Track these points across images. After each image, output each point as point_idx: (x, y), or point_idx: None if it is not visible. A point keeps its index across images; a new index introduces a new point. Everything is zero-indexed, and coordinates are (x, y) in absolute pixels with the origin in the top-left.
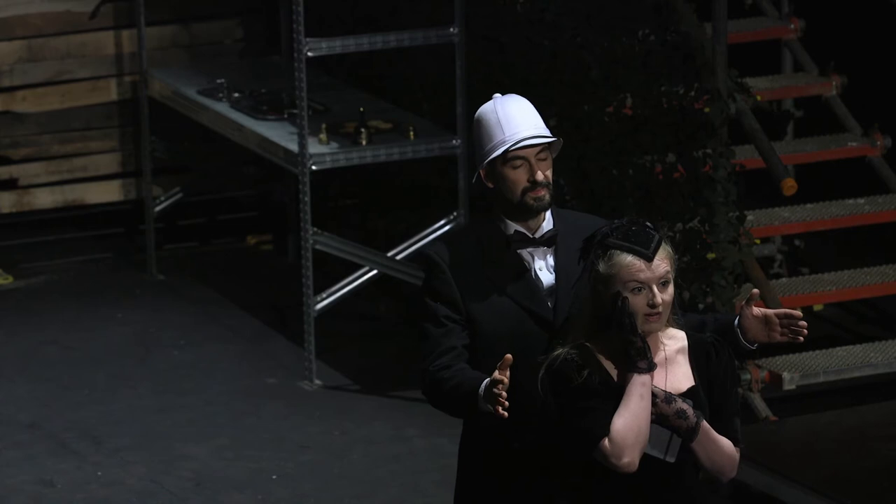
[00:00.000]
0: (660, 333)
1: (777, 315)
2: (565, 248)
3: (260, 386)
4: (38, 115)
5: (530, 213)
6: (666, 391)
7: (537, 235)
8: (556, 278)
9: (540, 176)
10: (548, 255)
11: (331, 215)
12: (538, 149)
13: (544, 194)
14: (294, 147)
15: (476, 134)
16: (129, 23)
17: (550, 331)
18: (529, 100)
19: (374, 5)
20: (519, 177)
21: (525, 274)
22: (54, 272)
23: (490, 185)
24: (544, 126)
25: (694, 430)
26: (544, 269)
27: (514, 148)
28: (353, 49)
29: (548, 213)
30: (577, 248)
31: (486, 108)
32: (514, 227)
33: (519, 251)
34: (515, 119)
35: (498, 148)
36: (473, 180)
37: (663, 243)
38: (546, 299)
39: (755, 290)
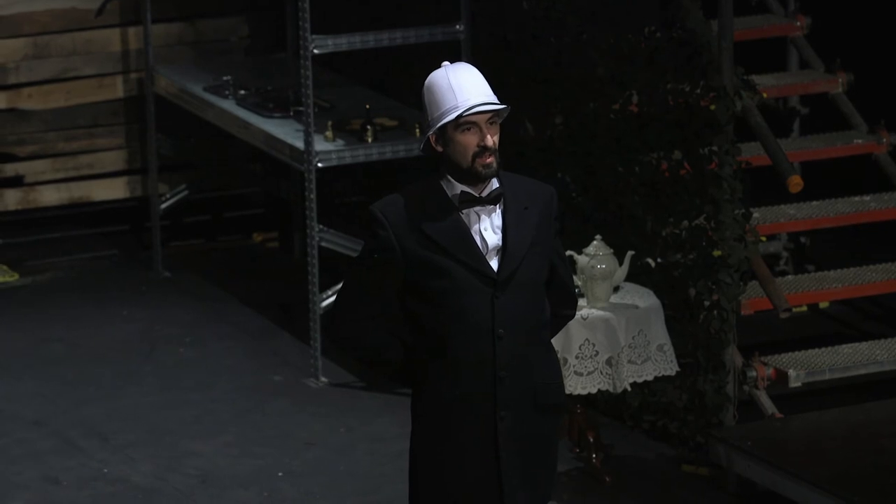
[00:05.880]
0: None
1: None
2: (512, 209)
3: (266, 383)
4: (43, 112)
5: (479, 180)
6: None
7: (484, 195)
8: (503, 237)
9: (489, 141)
10: (493, 215)
11: (336, 212)
12: (489, 115)
13: (492, 161)
14: (300, 144)
15: (427, 99)
16: (135, 20)
17: (495, 287)
18: (535, 98)
19: (381, 3)
20: (469, 141)
21: (467, 234)
22: (60, 269)
23: (439, 150)
24: (493, 93)
25: None
26: (489, 229)
27: (467, 113)
28: (359, 46)
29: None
30: (523, 206)
31: (437, 75)
32: (460, 187)
33: (465, 211)
34: (467, 86)
35: (451, 113)
36: (421, 146)
37: None
38: (489, 257)
39: None
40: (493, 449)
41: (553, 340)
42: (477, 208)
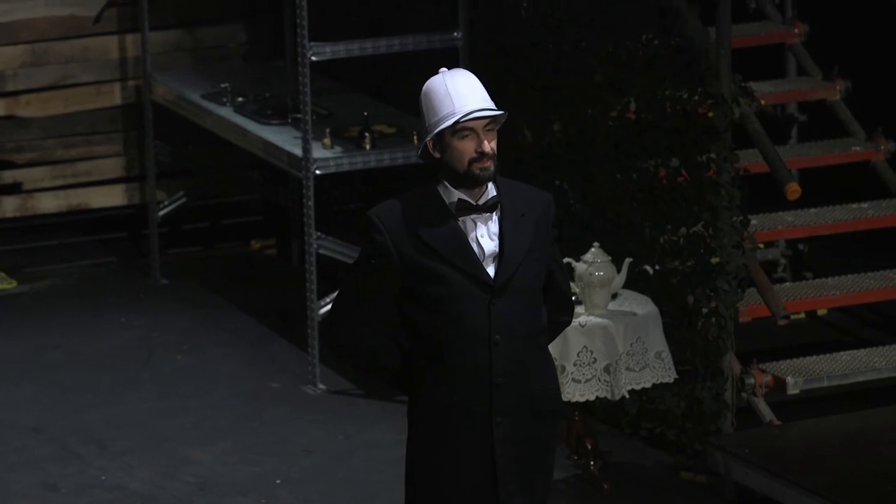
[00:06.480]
0: None
1: None
2: (509, 215)
3: (264, 390)
4: (42, 119)
5: (476, 183)
6: None
7: (481, 202)
8: (500, 243)
9: (487, 147)
10: (490, 222)
11: (335, 219)
12: (486, 121)
13: (490, 165)
14: (298, 151)
15: (424, 106)
16: (133, 27)
17: (491, 294)
18: (533, 105)
19: (379, 10)
20: (467, 147)
21: (464, 240)
22: (58, 276)
23: (437, 156)
24: (490, 99)
25: None
26: (486, 236)
27: (464, 119)
28: (357, 53)
29: (490, 183)
30: (520, 214)
31: (434, 81)
32: (457, 194)
33: (461, 218)
34: (464, 92)
35: (448, 119)
36: (419, 152)
37: None
38: (486, 264)
39: None
40: (490, 455)
41: (551, 347)
42: (474, 216)
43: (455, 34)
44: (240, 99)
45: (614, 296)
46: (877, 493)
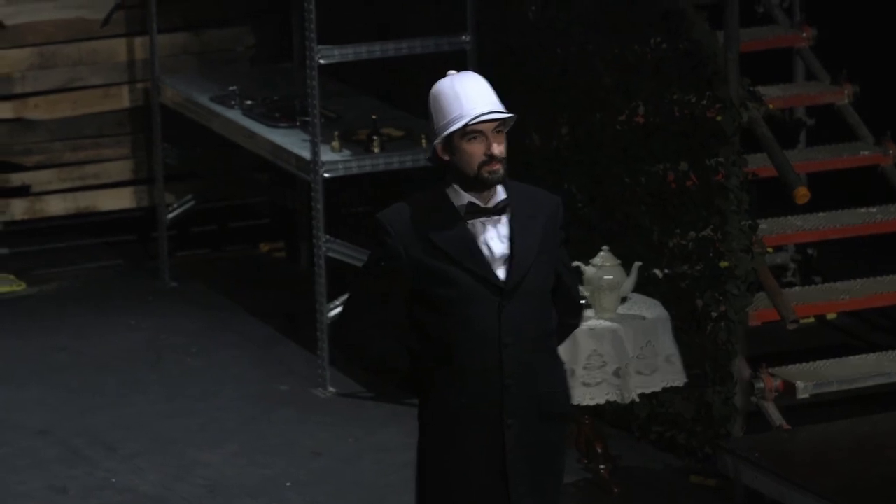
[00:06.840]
0: None
1: None
2: (518, 217)
3: (272, 393)
4: (50, 122)
5: (486, 186)
6: None
7: (490, 205)
8: (510, 246)
9: (496, 150)
10: (499, 225)
11: (343, 222)
12: (495, 124)
13: (499, 168)
14: (307, 154)
15: (433, 108)
16: (140, 30)
17: (502, 296)
18: (541, 107)
19: (387, 13)
20: (476, 150)
21: (473, 243)
22: (66, 279)
23: (446, 159)
24: (499, 102)
25: None
26: (496, 239)
27: (473, 122)
28: (365, 56)
29: (499, 185)
30: (529, 215)
31: (443, 84)
32: (467, 197)
33: (471, 221)
34: (473, 94)
35: (457, 122)
36: (428, 155)
37: None
38: (496, 266)
39: None
40: (500, 457)
41: (561, 351)
42: (483, 218)
43: (463, 37)
44: (248, 101)
45: (623, 299)
46: (885, 497)
